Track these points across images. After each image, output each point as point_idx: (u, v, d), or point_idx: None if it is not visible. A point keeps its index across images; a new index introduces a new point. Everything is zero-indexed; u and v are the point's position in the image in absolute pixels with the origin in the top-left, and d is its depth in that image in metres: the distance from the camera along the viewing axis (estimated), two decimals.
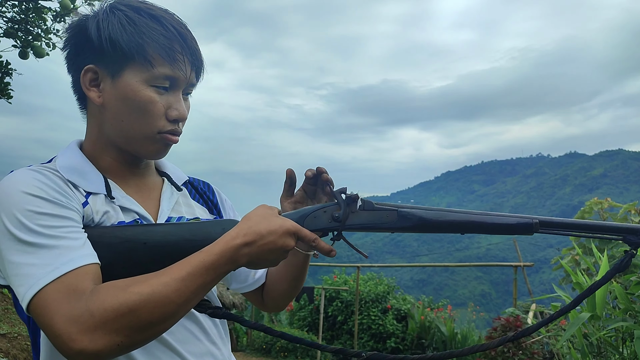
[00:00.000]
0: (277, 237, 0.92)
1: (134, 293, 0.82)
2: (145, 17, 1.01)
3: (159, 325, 0.83)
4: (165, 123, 1.03)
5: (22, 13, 4.52)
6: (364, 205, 1.04)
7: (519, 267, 7.12)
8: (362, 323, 9.60)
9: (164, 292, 0.83)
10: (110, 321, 0.79)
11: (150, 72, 0.99)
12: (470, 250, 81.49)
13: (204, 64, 1.09)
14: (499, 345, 1.04)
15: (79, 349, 0.78)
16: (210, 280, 0.87)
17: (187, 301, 0.85)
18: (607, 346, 2.34)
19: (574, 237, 1.04)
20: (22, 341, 4.56)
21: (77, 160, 1.04)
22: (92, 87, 1.02)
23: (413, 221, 1.02)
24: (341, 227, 1.02)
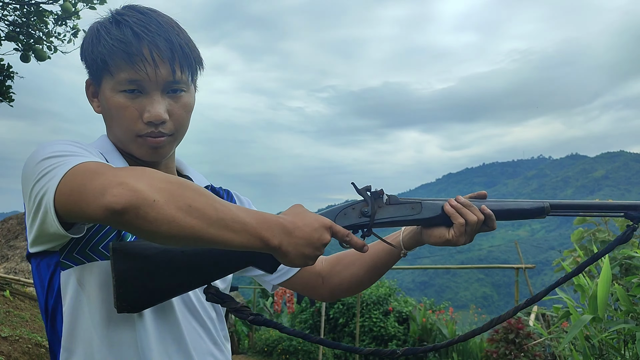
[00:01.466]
0: (313, 230, 0.92)
1: (188, 181, 0.83)
2: (112, 25, 1.03)
3: (193, 218, 0.79)
4: (142, 126, 1.03)
5: (23, 16, 4.53)
6: (390, 199, 1.08)
7: (521, 269, 7.11)
8: (363, 325, 9.59)
9: (213, 197, 0.83)
10: (159, 180, 0.79)
11: (113, 79, 1.02)
12: (471, 252, 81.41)
13: (182, 57, 1.05)
14: (511, 316, 1.12)
15: (121, 181, 0.76)
16: (249, 229, 0.84)
17: (224, 220, 0.82)
18: (609, 348, 2.34)
19: (581, 216, 1.14)
20: (24, 344, 4.56)
21: (110, 148, 1.10)
22: (94, 99, 1.10)
23: (436, 212, 1.08)
24: (371, 222, 1.06)
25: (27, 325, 5.23)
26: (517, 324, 5.31)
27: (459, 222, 1.06)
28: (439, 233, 1.10)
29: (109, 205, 0.75)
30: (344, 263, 1.29)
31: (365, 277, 1.26)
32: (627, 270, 3.26)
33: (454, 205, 1.08)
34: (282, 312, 11.23)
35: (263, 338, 10.32)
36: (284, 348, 9.61)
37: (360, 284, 1.28)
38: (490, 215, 1.08)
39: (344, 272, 1.28)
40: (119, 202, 0.75)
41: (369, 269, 1.25)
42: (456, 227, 1.07)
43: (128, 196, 0.75)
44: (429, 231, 1.12)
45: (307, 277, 1.30)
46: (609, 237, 4.52)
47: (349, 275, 1.27)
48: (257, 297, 12.81)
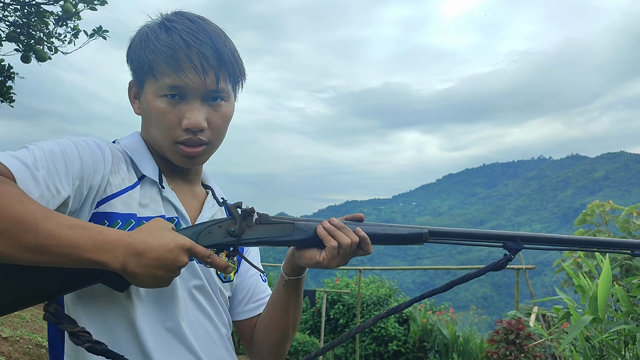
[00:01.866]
0: (167, 251, 0.88)
1: (19, 200, 0.78)
2: (161, 30, 1.04)
3: (4, 241, 0.75)
4: (180, 133, 1.04)
5: (24, 17, 4.53)
6: (260, 218, 1.03)
7: (521, 269, 7.11)
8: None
9: (39, 220, 0.78)
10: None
11: (157, 84, 1.03)
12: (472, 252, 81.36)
13: (229, 67, 1.06)
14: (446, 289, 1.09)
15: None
16: (81, 252, 0.80)
17: (46, 247, 0.78)
18: (610, 349, 2.34)
19: (460, 244, 1.11)
20: (24, 344, 4.56)
21: (140, 145, 1.11)
22: (135, 100, 1.12)
23: (309, 234, 1.03)
24: (237, 241, 1.00)
25: (28, 326, 5.23)
26: (517, 325, 5.31)
27: (331, 245, 1.01)
28: (310, 255, 1.04)
29: None
30: (261, 319, 1.24)
31: (267, 319, 1.21)
32: (627, 271, 3.27)
33: (327, 227, 1.02)
34: None
35: None
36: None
37: (268, 330, 1.21)
38: (364, 237, 1.03)
39: (259, 328, 1.24)
40: None
41: (269, 311, 1.21)
42: (328, 249, 1.01)
43: None
44: (300, 253, 1.06)
45: (249, 327, 1.26)
46: (609, 237, 4.52)
47: (258, 323, 1.24)
48: None
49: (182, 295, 1.05)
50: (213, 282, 1.12)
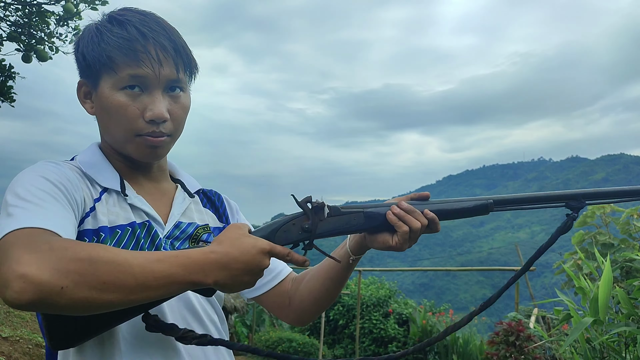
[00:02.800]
0: (251, 258, 0.90)
1: (101, 248, 0.81)
2: (113, 24, 1.03)
3: (109, 293, 0.78)
4: (143, 125, 1.03)
5: (25, 17, 4.54)
6: (331, 211, 1.05)
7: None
8: (363, 327, 9.58)
9: (130, 261, 0.80)
10: (66, 260, 0.76)
11: (115, 77, 1.02)
12: (471, 254, 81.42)
13: (184, 57, 1.07)
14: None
15: (22, 273, 0.73)
16: (177, 278, 0.83)
17: (146, 284, 0.80)
18: (610, 351, 2.34)
19: (525, 209, 1.12)
20: (24, 344, 4.56)
21: (97, 158, 1.09)
22: (86, 100, 1.09)
23: (379, 220, 1.06)
24: (312, 236, 1.03)
25: (28, 326, 5.23)
26: (517, 327, 5.31)
27: (403, 230, 1.03)
28: (382, 239, 1.07)
29: (13, 301, 0.74)
30: (304, 281, 1.26)
31: (322, 289, 1.21)
32: (628, 273, 3.27)
33: (397, 213, 1.04)
34: None
35: (263, 339, 10.31)
36: (284, 349, 9.60)
37: (319, 298, 1.23)
38: (433, 218, 1.06)
39: (303, 290, 1.25)
40: (22, 299, 0.73)
41: (324, 281, 1.21)
42: (400, 235, 1.04)
43: (30, 291, 0.73)
44: (372, 237, 1.09)
45: (276, 298, 1.27)
46: (609, 239, 4.52)
47: (307, 292, 1.24)
48: None
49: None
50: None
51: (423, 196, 1.10)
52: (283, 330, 10.99)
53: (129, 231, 1.03)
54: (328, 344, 10.07)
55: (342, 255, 1.17)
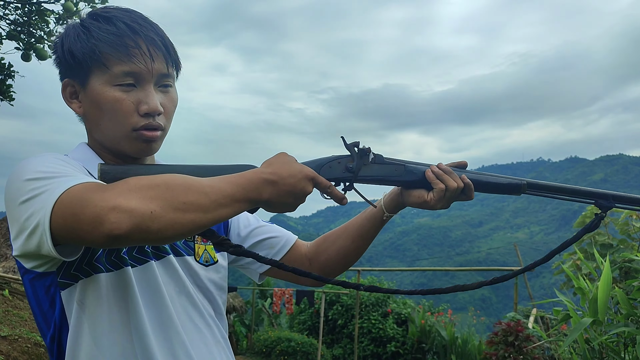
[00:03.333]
0: (297, 181, 0.95)
1: (170, 175, 0.85)
2: (99, 21, 1.02)
3: (191, 212, 0.82)
4: (138, 119, 1.03)
5: (25, 15, 4.53)
6: (375, 158, 1.10)
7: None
8: (362, 327, 9.59)
9: (199, 181, 0.85)
10: (146, 188, 0.80)
11: (108, 73, 1.00)
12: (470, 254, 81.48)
13: (172, 52, 1.07)
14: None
15: (113, 205, 0.76)
16: (238, 196, 0.89)
17: (217, 201, 0.85)
18: (609, 351, 2.34)
19: (555, 198, 1.15)
20: (23, 343, 4.55)
21: (89, 156, 1.08)
22: (74, 100, 1.07)
23: (418, 176, 1.11)
24: (354, 177, 1.08)
25: (27, 325, 5.23)
26: (516, 327, 5.31)
27: (439, 187, 1.08)
28: (418, 194, 1.12)
29: (111, 234, 0.76)
30: (330, 240, 1.30)
31: (352, 247, 1.26)
32: (627, 274, 3.27)
33: (436, 171, 1.10)
34: (281, 313, 11.23)
35: (262, 339, 10.31)
36: (282, 349, 9.60)
37: (347, 255, 1.28)
38: (469, 184, 1.10)
39: (330, 248, 1.29)
40: (121, 228, 0.76)
41: (355, 239, 1.26)
42: (436, 191, 1.09)
43: (126, 219, 0.76)
44: (408, 192, 1.14)
45: (294, 262, 1.29)
46: (608, 240, 4.53)
47: (335, 250, 1.28)
48: (255, 298, 12.79)
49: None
50: (195, 275, 1.12)
51: (461, 164, 1.15)
52: (282, 330, 10.99)
53: None
54: (327, 343, 10.07)
55: (376, 212, 1.22)
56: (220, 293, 1.17)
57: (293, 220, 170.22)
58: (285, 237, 1.31)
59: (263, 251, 1.28)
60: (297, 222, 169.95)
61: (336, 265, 1.29)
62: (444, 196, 1.09)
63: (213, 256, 1.17)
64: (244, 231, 1.29)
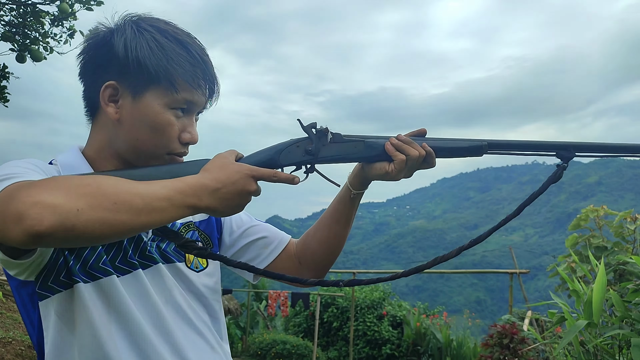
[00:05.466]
0: (237, 181, 0.94)
1: (103, 175, 0.83)
2: (172, 41, 1.02)
3: (121, 213, 0.79)
4: (177, 145, 1.05)
5: (19, 17, 4.52)
6: (334, 137, 1.09)
7: (515, 274, 7.13)
8: (357, 329, 9.58)
9: (134, 184, 0.84)
10: (75, 186, 0.77)
11: (173, 97, 1.01)
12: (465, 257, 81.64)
13: (219, 89, 1.10)
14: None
15: (36, 200, 0.73)
16: (175, 202, 0.86)
17: (151, 205, 0.83)
18: (604, 354, 2.34)
19: (516, 155, 1.15)
20: (17, 346, 4.53)
21: (78, 162, 1.06)
22: (111, 103, 1.03)
23: (378, 150, 1.10)
24: (314, 159, 1.08)
25: (20, 327, 5.20)
26: (511, 329, 5.32)
27: (399, 158, 1.08)
28: (379, 166, 1.11)
29: (31, 230, 0.72)
30: (310, 234, 1.29)
31: (330, 234, 1.26)
32: (621, 276, 3.28)
33: (395, 143, 1.09)
34: (276, 316, 11.21)
35: (257, 341, 10.29)
36: (277, 351, 9.58)
37: (330, 244, 1.27)
38: (430, 152, 1.10)
39: (312, 242, 1.28)
40: (42, 224, 0.72)
41: (331, 225, 1.25)
42: (397, 162, 1.08)
43: (48, 215, 0.73)
44: (370, 165, 1.13)
45: (285, 262, 1.29)
46: (603, 242, 4.54)
47: (317, 242, 1.28)
48: (250, 300, 12.78)
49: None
50: (188, 281, 1.11)
51: (420, 132, 1.14)
52: (277, 333, 10.98)
53: None
54: (322, 346, 10.06)
55: (343, 192, 1.22)
56: (215, 297, 1.16)
57: (288, 223, 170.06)
58: (278, 237, 1.31)
59: (255, 252, 1.28)
60: (292, 224, 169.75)
61: (322, 257, 1.29)
62: (406, 166, 1.09)
63: (202, 262, 1.16)
64: (236, 231, 1.28)
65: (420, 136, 1.13)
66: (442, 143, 1.12)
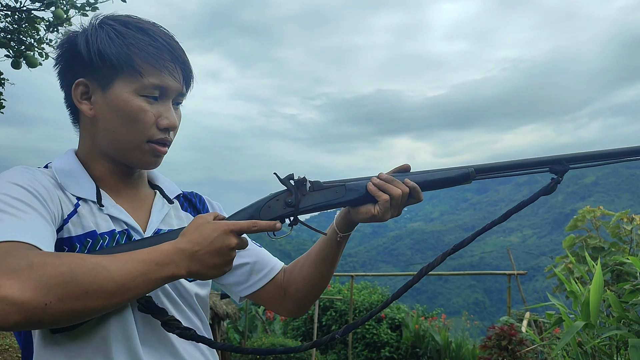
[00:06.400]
0: (215, 239, 0.92)
1: (79, 258, 0.81)
2: (133, 29, 1.03)
3: (93, 300, 0.79)
4: (156, 132, 1.04)
5: (15, 23, 4.51)
6: (313, 186, 1.08)
7: (513, 275, 7.13)
8: (356, 332, 9.56)
9: (108, 266, 0.82)
10: (48, 276, 0.76)
11: (139, 82, 1.01)
12: (463, 258, 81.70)
13: (193, 75, 1.10)
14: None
15: (3, 295, 0.72)
16: (151, 275, 0.86)
17: (126, 285, 0.82)
18: (602, 355, 2.35)
19: (507, 176, 1.11)
20: (14, 353, 4.51)
21: (73, 166, 1.06)
22: (84, 100, 1.05)
23: (361, 192, 1.08)
24: (296, 210, 1.07)
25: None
26: (509, 331, 5.32)
27: (383, 199, 1.05)
28: (365, 210, 1.09)
29: (4, 297, 0.72)
30: (297, 268, 1.28)
31: (315, 274, 1.24)
32: (618, 277, 3.28)
33: (377, 182, 1.07)
34: (274, 319, 11.20)
35: (255, 345, 10.26)
36: (276, 356, 9.56)
37: (314, 283, 1.25)
38: (414, 187, 1.07)
39: (297, 278, 1.27)
40: (8, 321, 0.72)
41: (317, 265, 1.23)
42: (381, 203, 1.06)
43: (14, 312, 0.72)
44: (355, 209, 1.11)
45: (272, 292, 1.28)
46: (600, 243, 4.55)
47: (302, 279, 1.26)
48: (249, 305, 12.76)
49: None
50: (182, 288, 1.10)
51: (404, 168, 1.12)
52: (275, 336, 10.95)
53: (107, 239, 1.01)
54: (321, 349, 10.04)
55: (330, 234, 1.19)
56: (205, 307, 1.17)
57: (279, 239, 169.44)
58: (271, 264, 1.29)
59: (245, 276, 1.26)
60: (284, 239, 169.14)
61: (306, 295, 1.27)
62: (391, 205, 1.06)
63: None
64: None
65: (404, 172, 1.11)
66: (426, 176, 1.09)
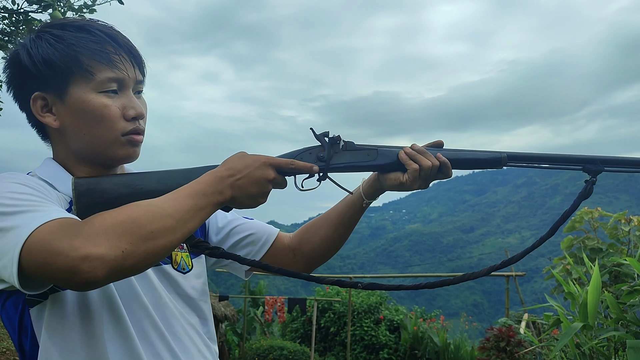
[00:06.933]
0: (254, 169, 0.97)
1: (132, 206, 0.86)
2: (71, 30, 1.01)
3: (160, 238, 0.83)
4: (125, 124, 1.03)
5: (12, 25, 4.52)
6: (346, 145, 1.10)
7: (511, 276, 7.14)
8: (354, 334, 9.56)
9: (161, 205, 0.86)
10: (112, 227, 0.80)
11: (93, 80, 0.99)
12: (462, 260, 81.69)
13: (143, 59, 1.09)
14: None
15: (84, 255, 0.76)
16: (201, 205, 0.91)
17: (183, 218, 0.87)
18: (600, 356, 2.34)
19: (539, 168, 1.11)
20: (11, 356, 4.50)
21: (56, 170, 1.05)
22: (46, 113, 1.03)
23: (392, 158, 1.09)
24: (326, 166, 1.08)
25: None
26: (508, 332, 5.32)
27: (412, 167, 1.07)
28: (394, 176, 1.11)
29: (87, 283, 0.77)
30: (313, 230, 1.30)
31: (334, 235, 1.27)
32: (616, 278, 3.28)
33: (409, 152, 1.08)
34: (273, 322, 11.18)
35: (254, 347, 10.24)
36: (275, 357, 9.55)
37: (331, 244, 1.28)
38: (445, 162, 1.08)
39: (314, 237, 1.29)
40: (97, 276, 0.77)
41: (337, 227, 1.26)
42: (410, 172, 1.07)
43: (100, 266, 0.77)
44: (384, 175, 1.13)
45: (278, 255, 1.30)
46: (597, 244, 4.55)
47: (319, 239, 1.28)
48: (247, 307, 12.74)
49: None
50: (175, 284, 1.10)
51: (437, 143, 1.13)
52: (274, 339, 10.94)
53: None
54: (319, 351, 10.04)
55: (355, 198, 1.22)
56: (203, 298, 1.16)
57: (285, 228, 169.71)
58: (266, 232, 1.31)
59: (245, 249, 1.27)
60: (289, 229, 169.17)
61: (321, 254, 1.30)
62: (419, 176, 1.08)
63: (188, 263, 1.15)
64: (222, 230, 1.28)
65: (437, 147, 1.13)
66: (458, 154, 1.10)
